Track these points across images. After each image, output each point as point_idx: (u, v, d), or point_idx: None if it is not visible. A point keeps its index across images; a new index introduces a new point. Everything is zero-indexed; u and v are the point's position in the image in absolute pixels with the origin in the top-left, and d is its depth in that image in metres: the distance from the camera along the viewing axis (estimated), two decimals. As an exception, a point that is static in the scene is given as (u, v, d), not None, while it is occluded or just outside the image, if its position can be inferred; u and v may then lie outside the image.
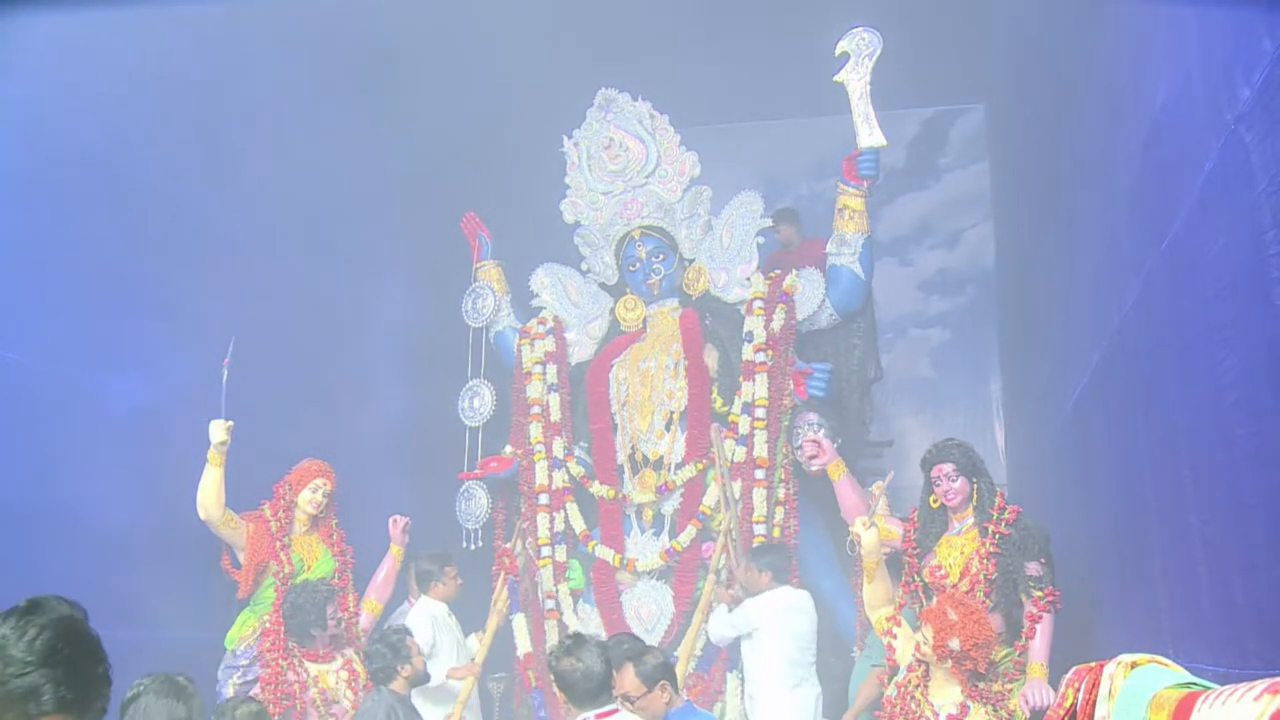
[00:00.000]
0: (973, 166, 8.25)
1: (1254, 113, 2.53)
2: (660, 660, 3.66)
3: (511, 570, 5.84)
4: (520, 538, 6.03)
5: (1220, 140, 2.74)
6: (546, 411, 6.17)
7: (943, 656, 3.66)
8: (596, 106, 6.32)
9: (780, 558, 5.13)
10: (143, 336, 4.86)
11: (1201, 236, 2.94)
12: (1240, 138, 2.60)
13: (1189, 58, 3.04)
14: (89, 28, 4.43)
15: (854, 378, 6.13)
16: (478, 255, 6.67)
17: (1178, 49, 3.16)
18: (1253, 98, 2.53)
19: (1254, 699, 1.79)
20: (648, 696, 3.53)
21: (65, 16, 4.13)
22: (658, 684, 3.56)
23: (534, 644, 5.80)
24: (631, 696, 3.53)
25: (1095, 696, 2.41)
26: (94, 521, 4.48)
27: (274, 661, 4.59)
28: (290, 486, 4.97)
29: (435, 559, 5.28)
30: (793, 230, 7.28)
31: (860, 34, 5.47)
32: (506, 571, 5.79)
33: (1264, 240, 2.44)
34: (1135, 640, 2.88)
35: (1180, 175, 3.09)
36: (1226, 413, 2.75)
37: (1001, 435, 7.67)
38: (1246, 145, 2.57)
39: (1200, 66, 2.94)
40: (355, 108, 6.01)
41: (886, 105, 5.67)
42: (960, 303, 8.20)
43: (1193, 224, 3.03)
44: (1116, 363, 4.03)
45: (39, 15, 3.98)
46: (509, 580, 5.81)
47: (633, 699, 3.53)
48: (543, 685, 5.57)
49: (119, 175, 4.72)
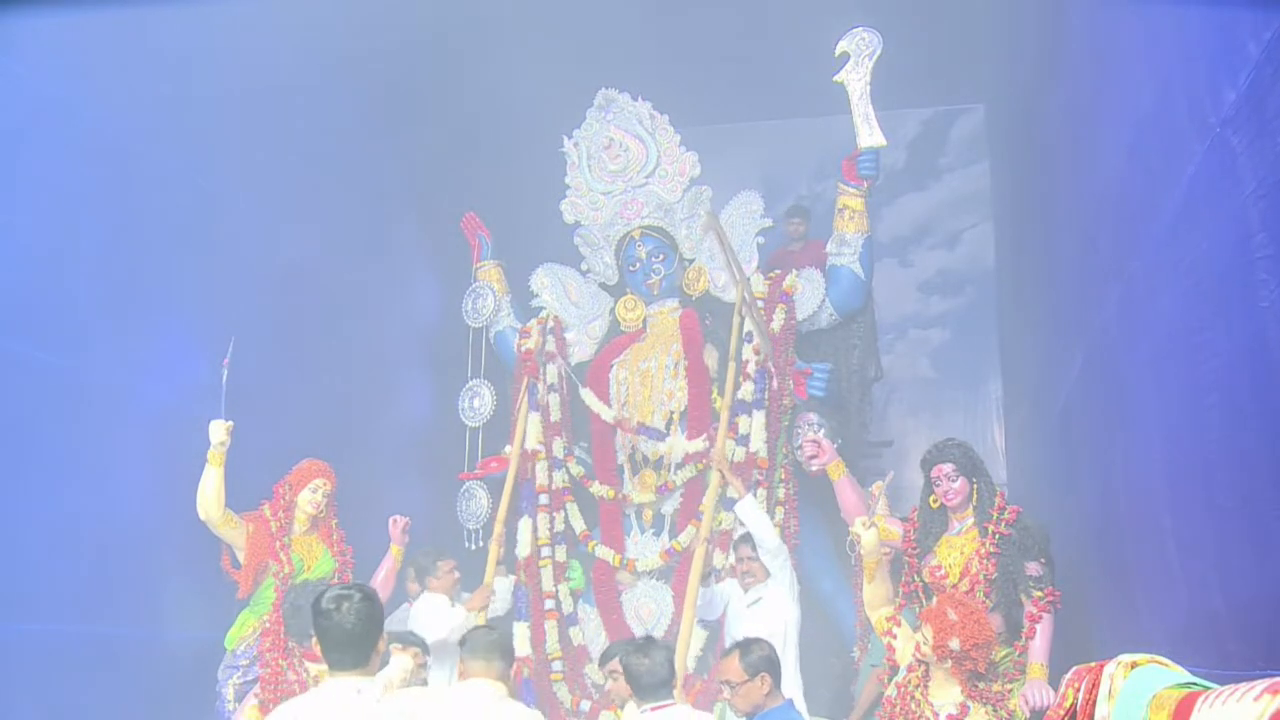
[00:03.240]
0: (973, 166, 8.24)
1: (1240, 116, 2.52)
2: (766, 653, 3.76)
3: (503, 467, 5.93)
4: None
5: (1205, 143, 2.73)
6: (546, 411, 6.18)
7: (943, 656, 3.65)
8: (596, 106, 6.32)
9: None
10: (143, 336, 4.86)
11: (1184, 240, 2.94)
12: (1226, 141, 2.59)
13: (1173, 60, 3.03)
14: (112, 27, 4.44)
15: (854, 378, 6.13)
16: (478, 255, 6.67)
17: (1162, 52, 3.16)
18: (1239, 101, 2.52)
19: (1254, 699, 1.79)
20: (748, 685, 3.67)
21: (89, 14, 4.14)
22: (759, 675, 3.68)
23: (533, 646, 5.79)
24: (733, 683, 3.69)
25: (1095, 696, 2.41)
26: (95, 522, 4.49)
27: (274, 661, 4.59)
28: (290, 486, 4.96)
29: (429, 553, 5.30)
30: (804, 227, 7.31)
31: (860, 34, 5.47)
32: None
33: (1251, 244, 2.43)
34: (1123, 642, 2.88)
35: (1164, 178, 3.09)
36: (1205, 415, 2.75)
37: (1001, 435, 7.67)
38: (1233, 148, 2.56)
39: (1184, 69, 2.93)
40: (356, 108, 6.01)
41: (886, 105, 5.67)
42: (960, 303, 8.20)
43: (1176, 227, 3.03)
44: (1100, 364, 4.03)
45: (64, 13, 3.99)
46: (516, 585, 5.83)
47: (733, 685, 3.69)
48: (534, 678, 5.58)
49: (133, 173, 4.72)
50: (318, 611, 2.99)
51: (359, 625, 2.97)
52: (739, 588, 5.08)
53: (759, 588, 4.97)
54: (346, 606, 2.96)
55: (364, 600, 3.01)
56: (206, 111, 5.08)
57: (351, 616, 2.96)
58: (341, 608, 2.96)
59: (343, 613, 2.95)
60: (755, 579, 4.99)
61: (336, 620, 2.96)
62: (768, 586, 4.96)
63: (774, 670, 3.74)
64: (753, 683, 3.67)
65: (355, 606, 2.97)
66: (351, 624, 2.96)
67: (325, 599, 2.99)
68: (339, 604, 2.97)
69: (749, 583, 5.01)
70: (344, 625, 2.95)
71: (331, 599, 2.99)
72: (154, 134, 4.79)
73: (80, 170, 4.48)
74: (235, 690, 4.70)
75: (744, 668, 3.69)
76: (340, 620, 2.95)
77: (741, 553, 5.05)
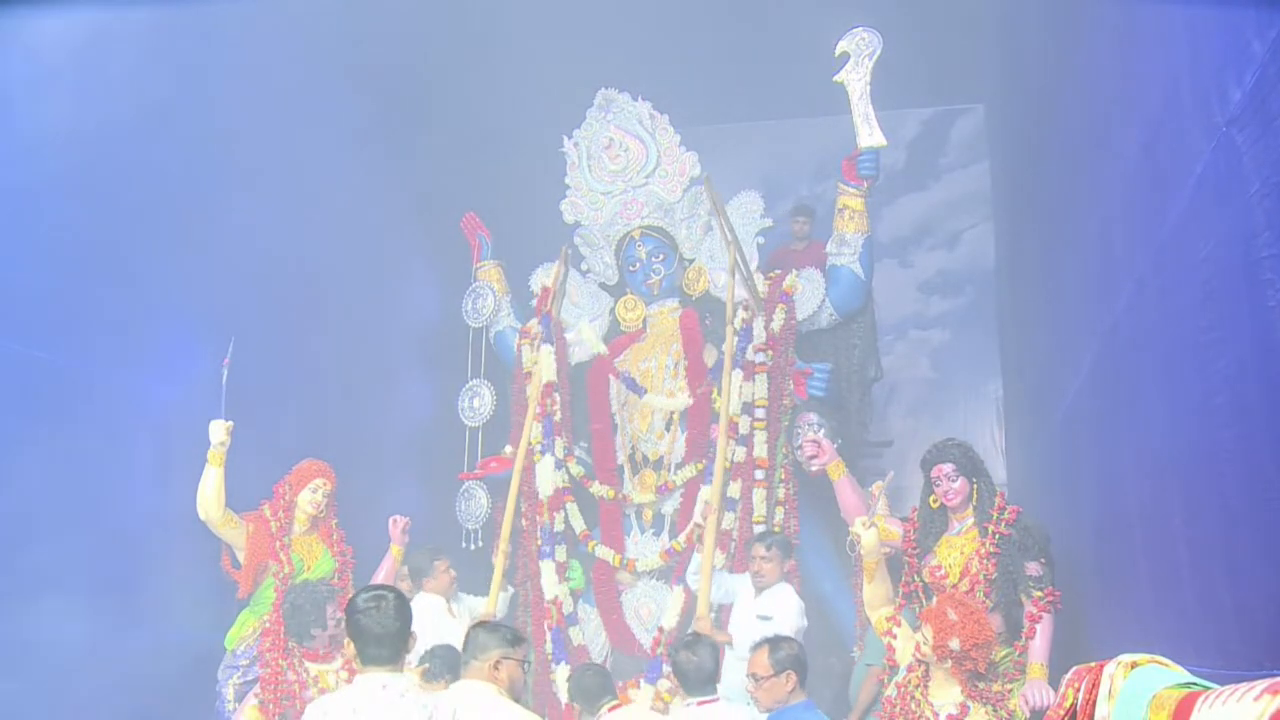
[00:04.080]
0: (973, 167, 8.24)
1: (1245, 115, 2.51)
2: (794, 652, 3.92)
3: (503, 467, 5.96)
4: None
5: (1211, 143, 2.72)
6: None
7: (943, 656, 3.66)
8: (596, 106, 6.32)
9: (787, 544, 5.10)
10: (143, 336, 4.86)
11: (1193, 239, 2.93)
12: (1232, 140, 2.59)
13: (1180, 60, 3.03)
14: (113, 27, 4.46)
15: (854, 378, 6.13)
16: (478, 255, 6.67)
17: (1169, 51, 3.15)
18: (1244, 100, 2.51)
19: (1254, 699, 1.79)
20: (772, 679, 3.85)
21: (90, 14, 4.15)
22: (785, 672, 3.84)
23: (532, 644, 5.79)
24: (759, 677, 3.87)
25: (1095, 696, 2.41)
26: (95, 522, 4.49)
27: (274, 661, 4.59)
28: (290, 486, 4.96)
29: (426, 553, 5.29)
30: (809, 226, 7.32)
31: (860, 34, 5.47)
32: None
33: (1256, 243, 2.42)
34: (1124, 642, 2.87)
35: (1172, 177, 3.08)
36: (1213, 415, 2.74)
37: (1001, 435, 7.67)
38: (1239, 148, 2.55)
39: (1190, 69, 2.92)
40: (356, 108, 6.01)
41: (886, 105, 5.67)
42: (960, 303, 8.20)
43: (1184, 226, 3.02)
44: (1109, 364, 4.03)
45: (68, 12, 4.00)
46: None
47: (759, 679, 3.87)
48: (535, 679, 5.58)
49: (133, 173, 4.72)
50: (356, 610, 3.17)
51: (397, 622, 3.17)
52: (750, 585, 5.02)
53: (769, 593, 4.91)
54: (384, 605, 3.16)
55: (398, 599, 3.23)
56: (206, 111, 5.07)
57: (391, 613, 3.16)
58: (380, 606, 3.16)
59: (383, 611, 3.15)
60: (767, 580, 4.92)
61: (377, 618, 3.14)
62: (775, 594, 4.90)
63: (801, 669, 3.89)
64: (778, 679, 3.84)
65: (393, 605, 3.18)
66: (392, 620, 3.15)
67: (362, 600, 3.19)
68: (378, 603, 3.17)
69: (761, 583, 4.93)
70: (385, 623, 3.14)
71: (370, 599, 3.19)
72: (154, 134, 4.78)
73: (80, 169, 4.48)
74: (235, 690, 4.71)
75: (772, 664, 3.86)
76: (381, 618, 3.14)
77: (756, 551, 4.99)
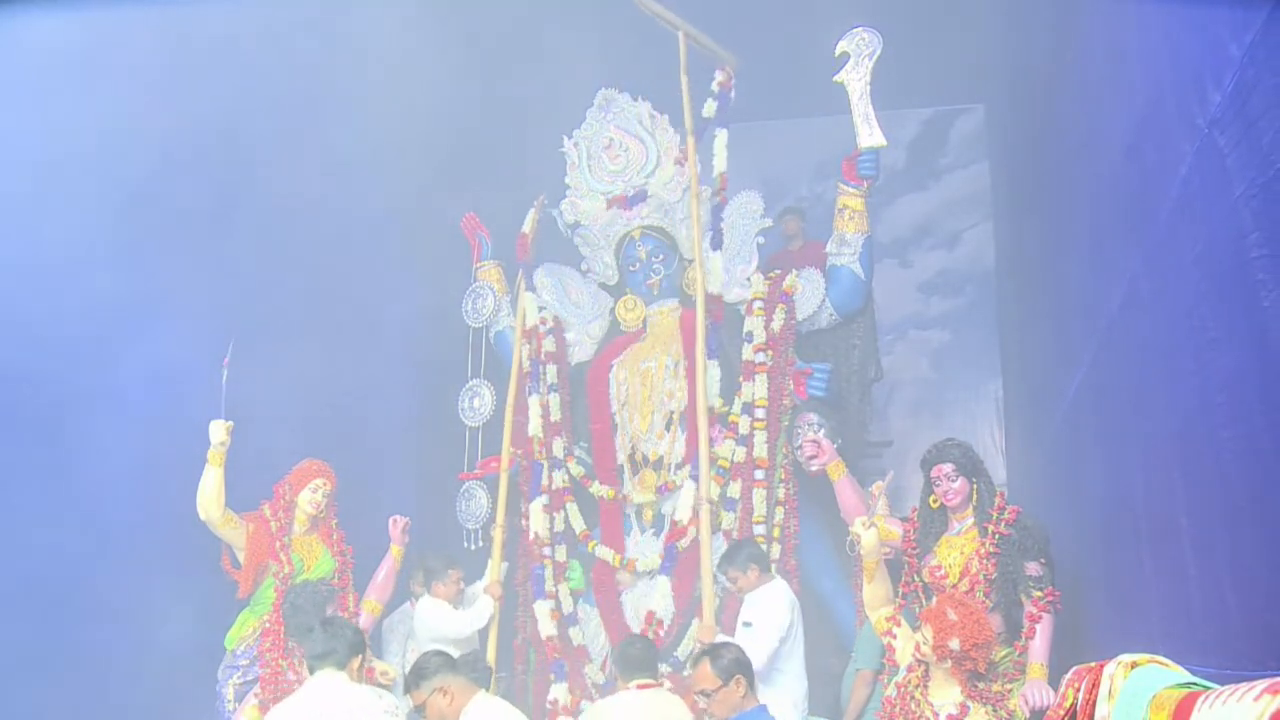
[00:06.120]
0: (973, 167, 8.24)
1: (1226, 117, 2.53)
2: (736, 655, 3.77)
3: (496, 468, 5.97)
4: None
5: (1195, 144, 2.74)
6: (547, 411, 6.17)
7: (943, 656, 3.66)
8: (596, 106, 6.32)
9: (756, 549, 5.02)
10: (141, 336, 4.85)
11: (1182, 240, 2.94)
12: (1214, 142, 2.60)
13: (1163, 61, 3.04)
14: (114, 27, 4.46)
15: (854, 378, 6.12)
16: (478, 255, 6.67)
17: (1153, 52, 3.17)
18: (1224, 103, 2.53)
19: (1254, 699, 1.79)
20: (724, 690, 3.68)
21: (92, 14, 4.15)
22: (733, 678, 3.69)
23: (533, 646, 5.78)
24: (708, 691, 3.69)
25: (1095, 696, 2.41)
26: (95, 522, 4.49)
27: (274, 661, 4.60)
28: (290, 486, 4.97)
29: (441, 559, 5.30)
30: (798, 225, 7.32)
31: (860, 34, 5.46)
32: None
33: (1246, 244, 2.43)
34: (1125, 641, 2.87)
35: (1159, 179, 3.09)
36: (1213, 415, 2.75)
37: (1001, 435, 7.67)
38: (1221, 150, 2.56)
39: (1172, 71, 2.94)
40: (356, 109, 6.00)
41: (886, 105, 5.66)
42: (960, 303, 8.19)
43: (1173, 227, 3.03)
44: (1106, 365, 4.03)
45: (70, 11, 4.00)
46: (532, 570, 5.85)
47: (709, 693, 3.69)
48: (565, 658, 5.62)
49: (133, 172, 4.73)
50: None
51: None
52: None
53: (751, 597, 4.87)
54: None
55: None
56: (205, 112, 5.08)
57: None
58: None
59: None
60: (746, 589, 4.90)
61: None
62: (758, 597, 4.85)
63: (747, 671, 3.76)
64: (728, 687, 3.69)
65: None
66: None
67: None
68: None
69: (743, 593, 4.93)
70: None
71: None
72: (153, 134, 4.78)
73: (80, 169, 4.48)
74: (235, 690, 4.71)
75: (717, 673, 3.70)
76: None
77: (731, 574, 4.91)
